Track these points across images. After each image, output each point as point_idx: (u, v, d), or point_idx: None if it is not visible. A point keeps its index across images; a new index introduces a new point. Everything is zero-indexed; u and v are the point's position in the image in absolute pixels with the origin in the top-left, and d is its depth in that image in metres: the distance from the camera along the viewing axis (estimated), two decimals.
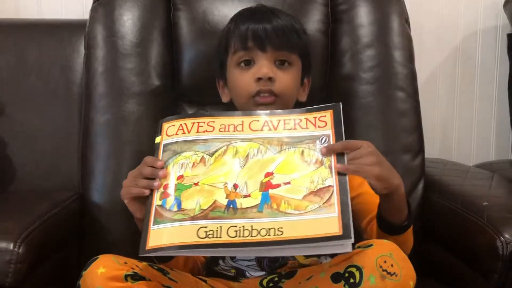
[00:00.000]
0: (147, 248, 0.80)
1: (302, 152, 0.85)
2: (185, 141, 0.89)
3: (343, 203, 0.78)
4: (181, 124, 0.90)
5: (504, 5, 1.47)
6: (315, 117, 0.88)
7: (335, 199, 0.79)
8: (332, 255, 0.88)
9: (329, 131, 0.86)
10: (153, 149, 1.04)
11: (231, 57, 1.05)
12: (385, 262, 0.79)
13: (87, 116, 1.17)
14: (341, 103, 0.89)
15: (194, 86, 1.22)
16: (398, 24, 1.23)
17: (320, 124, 0.87)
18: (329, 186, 0.81)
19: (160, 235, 0.81)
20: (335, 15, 1.24)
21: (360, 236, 0.95)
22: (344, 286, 0.80)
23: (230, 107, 1.19)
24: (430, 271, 1.11)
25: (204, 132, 0.89)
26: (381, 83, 1.20)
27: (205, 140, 0.88)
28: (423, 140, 1.21)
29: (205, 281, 0.96)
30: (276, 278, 0.93)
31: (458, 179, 1.18)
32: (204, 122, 0.90)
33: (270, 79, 1.00)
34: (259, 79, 1.00)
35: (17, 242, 0.88)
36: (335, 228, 0.76)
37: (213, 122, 0.90)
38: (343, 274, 0.81)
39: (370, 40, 1.21)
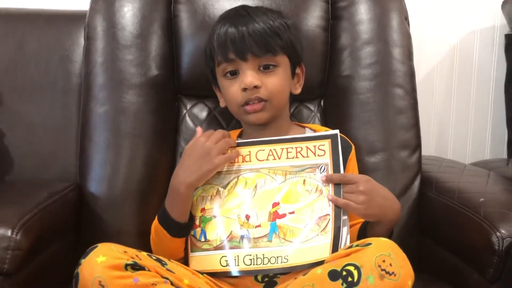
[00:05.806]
0: None
1: (304, 181, 0.96)
2: None
3: (336, 228, 0.91)
4: None
5: (502, 6, 1.48)
6: (314, 146, 0.97)
7: (330, 227, 0.91)
8: None
9: (327, 160, 0.95)
10: (151, 140, 1.14)
11: (217, 68, 1.06)
12: (384, 261, 0.80)
13: (86, 107, 1.16)
14: (338, 131, 0.97)
15: (194, 79, 1.21)
16: (398, 22, 1.23)
17: (320, 153, 0.96)
18: (326, 214, 0.93)
19: (196, 262, 0.97)
20: (335, 12, 1.24)
21: None
22: (342, 284, 0.80)
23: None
24: (426, 266, 1.12)
25: None
26: (380, 80, 1.20)
27: (219, 172, 0.98)
28: (420, 137, 1.21)
29: (201, 273, 0.96)
30: (271, 274, 0.94)
31: (455, 176, 1.18)
32: None
33: (255, 87, 1.02)
34: (245, 89, 1.02)
35: (15, 229, 0.88)
36: (326, 253, 0.89)
37: None
38: (341, 272, 0.81)
39: (369, 37, 1.21)
